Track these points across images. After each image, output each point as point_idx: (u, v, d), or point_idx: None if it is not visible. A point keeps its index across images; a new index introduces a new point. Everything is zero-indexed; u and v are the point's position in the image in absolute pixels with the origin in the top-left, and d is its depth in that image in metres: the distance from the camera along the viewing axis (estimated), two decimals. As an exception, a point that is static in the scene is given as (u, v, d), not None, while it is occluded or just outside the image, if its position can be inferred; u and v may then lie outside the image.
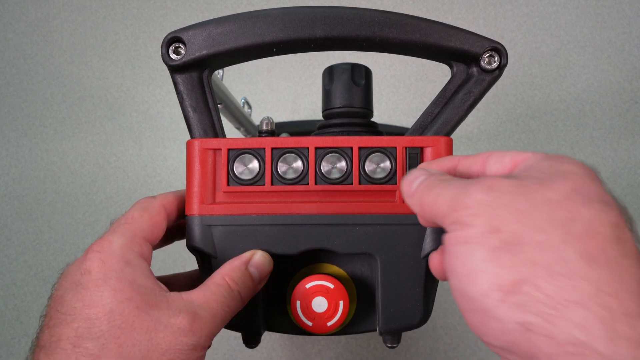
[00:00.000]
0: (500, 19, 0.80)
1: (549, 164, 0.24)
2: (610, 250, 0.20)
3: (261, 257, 0.32)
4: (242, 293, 0.31)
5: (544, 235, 0.21)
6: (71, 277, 0.29)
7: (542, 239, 0.21)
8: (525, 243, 0.21)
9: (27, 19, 0.81)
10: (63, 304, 0.28)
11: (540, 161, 0.24)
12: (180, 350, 0.27)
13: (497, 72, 0.34)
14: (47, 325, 0.28)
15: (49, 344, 0.27)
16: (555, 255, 0.20)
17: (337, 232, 0.33)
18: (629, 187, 0.73)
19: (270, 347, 0.69)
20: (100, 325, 0.26)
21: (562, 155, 0.25)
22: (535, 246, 0.21)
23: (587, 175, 0.23)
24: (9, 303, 0.71)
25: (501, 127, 0.76)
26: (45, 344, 0.27)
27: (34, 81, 0.79)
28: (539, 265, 0.20)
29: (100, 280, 0.28)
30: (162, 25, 0.81)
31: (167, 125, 0.77)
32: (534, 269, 0.20)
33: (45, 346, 0.27)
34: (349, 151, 0.33)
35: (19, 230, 0.74)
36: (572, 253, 0.20)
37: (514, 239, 0.21)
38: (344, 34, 0.33)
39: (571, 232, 0.21)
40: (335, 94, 0.37)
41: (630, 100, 0.76)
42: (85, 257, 0.29)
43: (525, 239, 0.21)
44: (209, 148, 0.34)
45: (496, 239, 0.22)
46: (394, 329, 0.34)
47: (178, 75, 0.34)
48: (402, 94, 0.78)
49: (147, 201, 0.33)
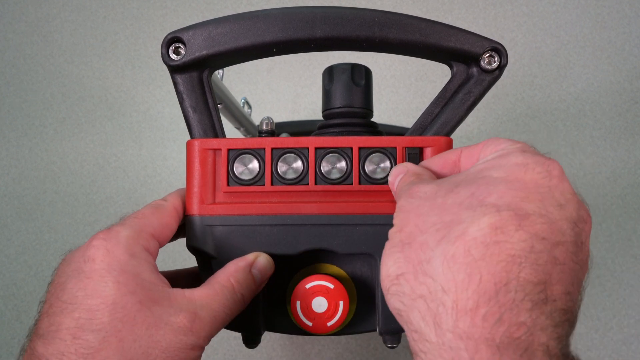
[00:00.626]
0: (500, 19, 0.80)
1: (493, 164, 0.25)
2: (474, 252, 0.22)
3: (264, 259, 0.32)
4: (245, 296, 0.31)
5: (425, 236, 0.24)
6: (74, 263, 0.28)
7: (423, 240, 0.24)
8: (412, 242, 0.24)
9: (27, 19, 0.81)
10: (64, 291, 0.27)
11: (495, 159, 0.25)
12: (179, 349, 0.27)
13: (497, 72, 0.34)
14: (46, 313, 0.27)
15: (47, 333, 0.26)
16: (426, 255, 0.23)
17: (337, 232, 0.33)
18: (629, 187, 0.73)
19: (270, 347, 0.69)
20: (101, 317, 0.26)
21: (524, 155, 0.25)
22: (417, 246, 0.24)
23: (504, 182, 0.24)
24: (9, 303, 0.71)
25: (501, 127, 0.76)
26: (44, 333, 0.26)
27: (34, 81, 0.79)
28: (412, 263, 0.24)
29: (104, 270, 0.27)
30: (162, 25, 0.81)
31: (167, 125, 0.77)
32: (409, 266, 0.24)
33: (43, 335, 0.26)
34: (349, 151, 0.33)
35: (19, 230, 0.74)
36: (439, 253, 0.23)
37: (408, 238, 0.25)
38: (343, 34, 0.33)
39: (447, 235, 0.23)
40: (335, 94, 0.37)
41: (630, 100, 0.76)
42: (90, 244, 0.28)
43: (414, 239, 0.24)
44: (209, 148, 0.34)
45: (397, 237, 0.26)
46: (394, 329, 0.34)
47: (178, 76, 0.34)
48: (402, 94, 0.78)
49: (160, 202, 0.33)
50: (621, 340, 0.68)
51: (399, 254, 0.25)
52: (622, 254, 0.71)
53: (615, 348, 0.68)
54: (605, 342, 0.68)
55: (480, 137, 0.76)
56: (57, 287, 0.28)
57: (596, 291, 0.70)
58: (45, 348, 0.26)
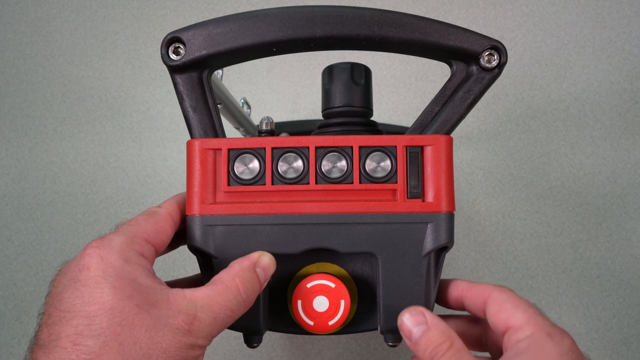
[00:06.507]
0: (500, 19, 0.80)
1: (528, 359, 0.28)
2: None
3: (268, 258, 0.32)
4: (249, 297, 0.31)
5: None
6: (70, 273, 0.28)
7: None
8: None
9: (27, 19, 0.81)
10: (62, 301, 0.27)
11: (522, 354, 0.29)
12: (179, 349, 0.27)
13: (496, 70, 0.34)
14: (45, 324, 0.27)
15: (48, 343, 0.26)
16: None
17: (338, 231, 0.33)
18: (629, 187, 0.73)
19: (270, 347, 0.69)
20: (100, 322, 0.26)
21: (544, 339, 0.29)
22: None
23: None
24: (9, 303, 0.71)
25: (501, 127, 0.76)
26: (44, 343, 0.26)
27: (34, 81, 0.79)
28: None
29: (99, 277, 0.27)
30: (162, 25, 0.81)
31: (167, 125, 0.77)
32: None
33: (44, 345, 0.26)
34: (349, 150, 0.33)
35: (19, 230, 0.74)
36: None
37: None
38: (343, 33, 0.33)
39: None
40: (335, 93, 0.37)
41: (630, 100, 0.76)
42: (84, 253, 0.29)
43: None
44: (209, 148, 0.34)
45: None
46: (395, 328, 0.34)
47: (178, 76, 0.34)
48: (402, 93, 0.78)
49: (154, 209, 0.33)
50: (621, 340, 0.68)
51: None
52: (622, 254, 0.71)
53: (615, 348, 0.68)
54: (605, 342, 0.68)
55: (480, 137, 0.76)
56: (55, 297, 0.28)
57: (596, 291, 0.70)
58: (47, 357, 0.26)
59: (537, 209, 0.73)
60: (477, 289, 0.34)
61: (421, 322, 0.30)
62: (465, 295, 0.34)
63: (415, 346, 0.31)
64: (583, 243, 0.71)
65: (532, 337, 0.29)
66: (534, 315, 0.30)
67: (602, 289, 0.70)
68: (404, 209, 0.33)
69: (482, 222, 0.73)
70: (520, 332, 0.30)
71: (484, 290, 0.33)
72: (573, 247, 0.71)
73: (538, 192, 0.73)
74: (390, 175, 0.33)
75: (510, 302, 0.31)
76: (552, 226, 0.72)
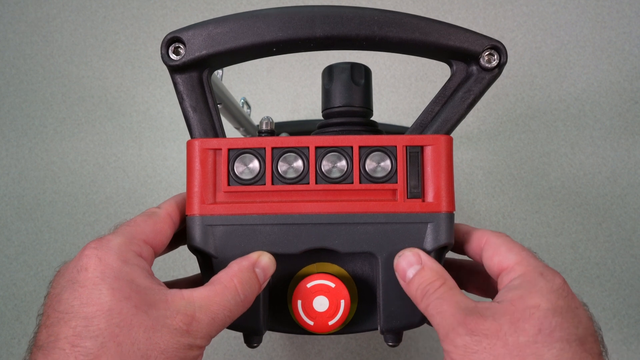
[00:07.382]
0: (500, 19, 0.80)
1: (519, 294, 0.28)
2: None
3: (267, 258, 0.32)
4: (248, 296, 0.31)
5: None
6: (68, 274, 0.28)
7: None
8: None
9: (27, 19, 0.81)
10: (60, 302, 0.27)
11: (514, 289, 0.29)
12: (177, 349, 0.27)
13: (496, 70, 0.34)
14: (44, 325, 0.27)
15: (46, 344, 0.26)
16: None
17: (338, 231, 0.33)
18: (629, 187, 0.73)
19: (270, 347, 0.69)
20: (98, 323, 0.26)
21: (536, 277, 0.29)
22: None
23: (550, 311, 0.28)
24: (9, 303, 0.71)
25: (501, 127, 0.76)
26: (43, 344, 0.26)
27: (34, 81, 0.79)
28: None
29: (97, 278, 0.27)
30: (162, 25, 0.81)
31: (167, 125, 0.77)
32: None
33: (43, 346, 0.26)
34: (349, 150, 0.33)
35: (19, 230, 0.74)
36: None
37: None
38: (343, 33, 0.33)
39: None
40: (334, 93, 0.37)
41: (630, 100, 0.76)
42: (82, 254, 0.28)
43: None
44: (209, 148, 0.34)
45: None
46: (395, 328, 0.34)
47: (178, 76, 0.34)
48: (402, 94, 0.78)
49: (153, 209, 0.33)
50: (621, 340, 0.68)
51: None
52: (622, 254, 0.71)
53: (615, 348, 0.68)
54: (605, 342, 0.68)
55: (481, 137, 0.76)
56: (53, 298, 0.28)
57: (596, 291, 0.70)
58: (46, 359, 0.26)
59: (537, 209, 0.73)
60: (475, 234, 0.34)
61: (416, 262, 0.31)
62: (464, 240, 0.35)
63: (408, 286, 0.31)
64: (583, 243, 0.71)
65: (524, 275, 0.30)
66: (527, 257, 0.31)
67: (602, 289, 0.70)
68: (404, 209, 0.33)
69: (482, 222, 0.73)
70: (513, 272, 0.30)
71: (481, 236, 0.33)
72: (573, 247, 0.71)
73: (538, 192, 0.73)
74: (390, 175, 0.33)
75: (505, 246, 0.32)
76: (552, 226, 0.72)
